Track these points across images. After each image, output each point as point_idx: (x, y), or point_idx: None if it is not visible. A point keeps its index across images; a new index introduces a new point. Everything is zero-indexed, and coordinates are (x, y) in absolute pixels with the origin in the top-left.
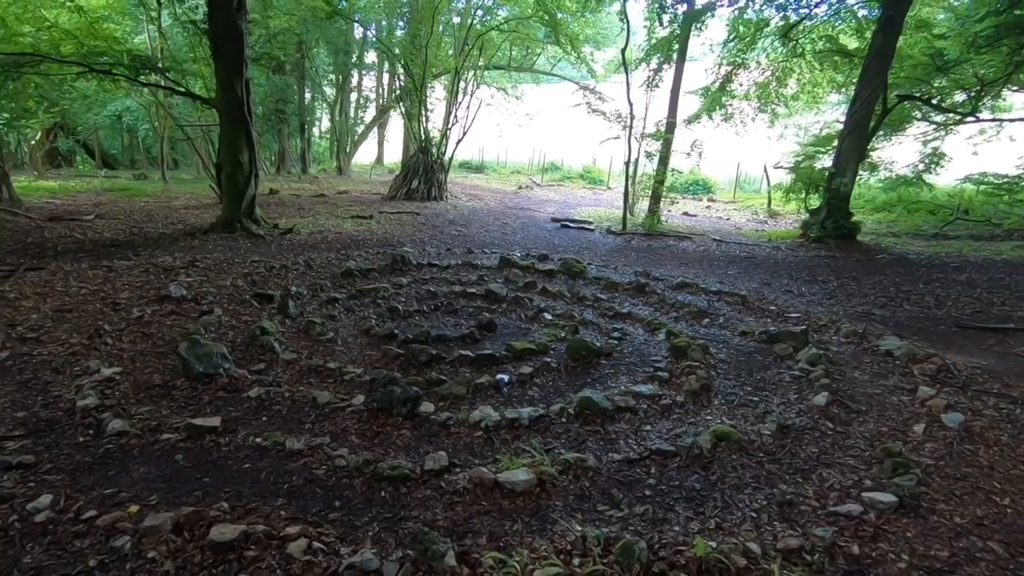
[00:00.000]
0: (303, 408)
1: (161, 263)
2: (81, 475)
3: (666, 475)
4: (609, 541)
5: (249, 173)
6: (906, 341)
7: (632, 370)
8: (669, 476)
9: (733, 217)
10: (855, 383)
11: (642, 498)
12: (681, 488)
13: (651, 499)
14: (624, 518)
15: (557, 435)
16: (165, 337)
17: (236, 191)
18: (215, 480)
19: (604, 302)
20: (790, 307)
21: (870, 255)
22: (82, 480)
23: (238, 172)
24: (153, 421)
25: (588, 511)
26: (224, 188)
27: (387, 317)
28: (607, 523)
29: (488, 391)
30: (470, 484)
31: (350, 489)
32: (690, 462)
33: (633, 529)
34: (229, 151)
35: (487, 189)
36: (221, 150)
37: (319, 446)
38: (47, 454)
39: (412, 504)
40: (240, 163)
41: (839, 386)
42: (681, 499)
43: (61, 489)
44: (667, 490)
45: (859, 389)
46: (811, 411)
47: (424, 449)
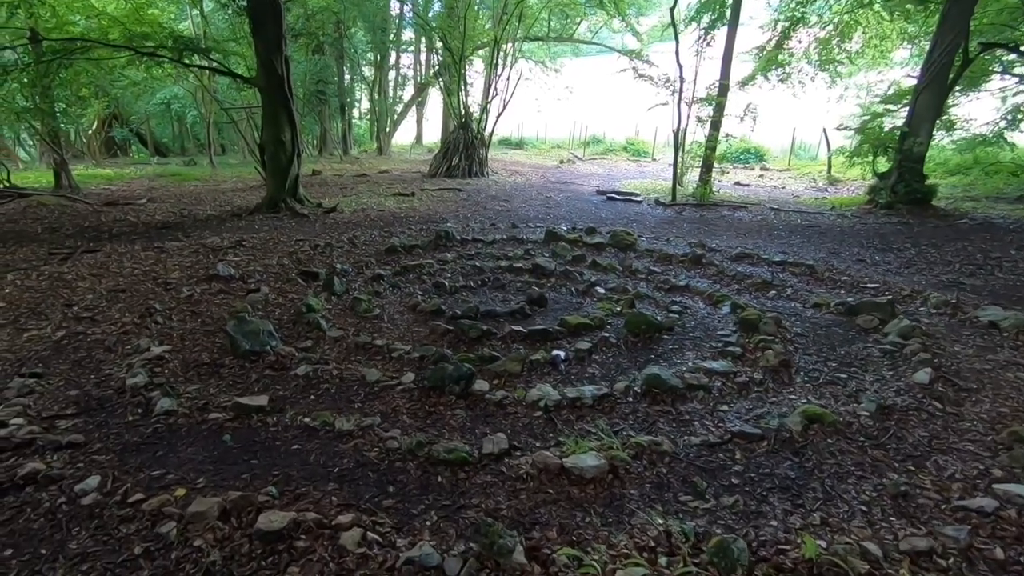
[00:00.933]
0: (351, 387)
1: (209, 243)
2: (129, 455)
3: (754, 461)
4: (699, 537)
5: (292, 152)
6: (1013, 312)
7: (698, 345)
8: (757, 462)
9: (789, 185)
10: (958, 358)
11: (729, 487)
12: (773, 476)
13: (740, 488)
14: (711, 510)
15: (624, 416)
16: (214, 315)
17: (279, 170)
18: (263, 462)
19: (658, 275)
20: (865, 277)
21: (949, 220)
22: (130, 461)
23: (281, 151)
24: (201, 400)
25: (669, 502)
26: (268, 168)
27: (433, 293)
28: (693, 516)
29: (544, 368)
30: (534, 469)
31: (404, 473)
32: (779, 446)
33: (724, 523)
34: (271, 130)
35: (528, 164)
36: (264, 130)
37: (370, 427)
38: (97, 433)
39: (472, 491)
40: (282, 142)
41: (941, 361)
42: (775, 489)
43: (109, 470)
44: (757, 478)
45: (965, 365)
46: (912, 389)
47: (480, 430)
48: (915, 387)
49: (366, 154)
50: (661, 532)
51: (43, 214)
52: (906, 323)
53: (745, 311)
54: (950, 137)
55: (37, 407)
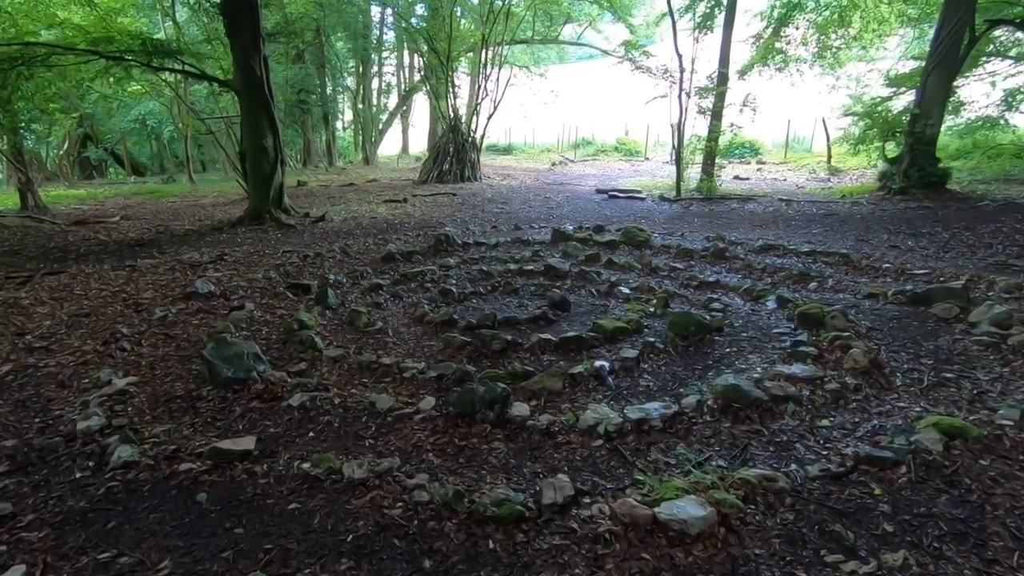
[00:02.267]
0: (359, 418)
1: (187, 259)
2: (70, 531)
3: (900, 497)
4: None
5: (275, 159)
6: None
7: (758, 347)
8: (906, 499)
9: (789, 178)
10: None
11: (883, 537)
12: (934, 518)
13: (899, 538)
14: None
15: (704, 440)
16: (191, 338)
17: (262, 179)
18: (251, 531)
19: (681, 271)
20: (907, 264)
21: (970, 203)
22: (70, 538)
23: (263, 159)
24: (170, 445)
25: (812, 564)
26: (249, 177)
27: (441, 302)
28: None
29: (588, 383)
30: (617, 525)
31: (442, 538)
32: (924, 473)
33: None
34: (252, 136)
35: (519, 168)
36: (244, 136)
37: (388, 472)
38: (32, 499)
39: (537, 561)
40: (264, 148)
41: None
42: (946, 537)
43: (40, 555)
44: (915, 522)
45: None
46: None
47: (530, 469)
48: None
49: (351, 165)
50: None
51: (4, 236)
52: (1000, 310)
53: (802, 305)
54: (945, 123)
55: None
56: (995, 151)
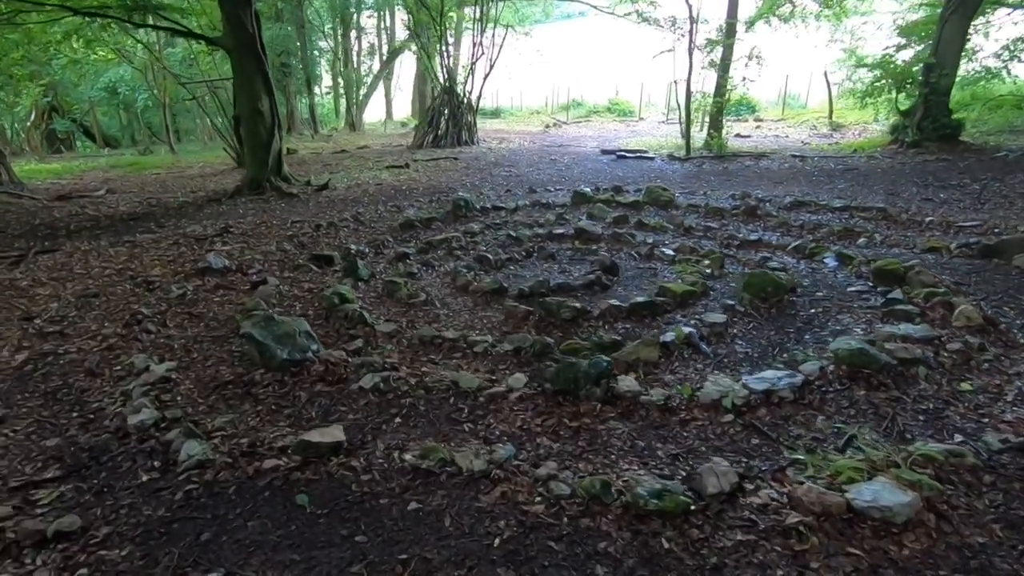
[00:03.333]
0: (445, 399)
1: (190, 233)
2: (157, 545)
3: None
4: None
5: (272, 124)
6: None
7: (844, 306)
8: None
9: (790, 134)
10: None
11: None
12: None
13: None
14: None
15: (843, 410)
16: (218, 317)
17: (260, 145)
18: (374, 538)
19: (717, 231)
20: (950, 217)
21: (988, 154)
22: (160, 556)
23: (259, 123)
24: (241, 439)
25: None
26: (246, 143)
27: (478, 269)
28: None
29: (683, 352)
30: (806, 515)
31: (604, 538)
32: None
33: None
34: (246, 99)
35: (512, 131)
36: (237, 99)
37: (507, 461)
38: (98, 508)
39: (728, 562)
40: (260, 112)
41: None
42: None
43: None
44: None
45: None
46: None
47: (662, 449)
48: None
49: (336, 132)
50: None
51: None
52: None
53: (872, 262)
54: (968, 67)
55: (1, 472)
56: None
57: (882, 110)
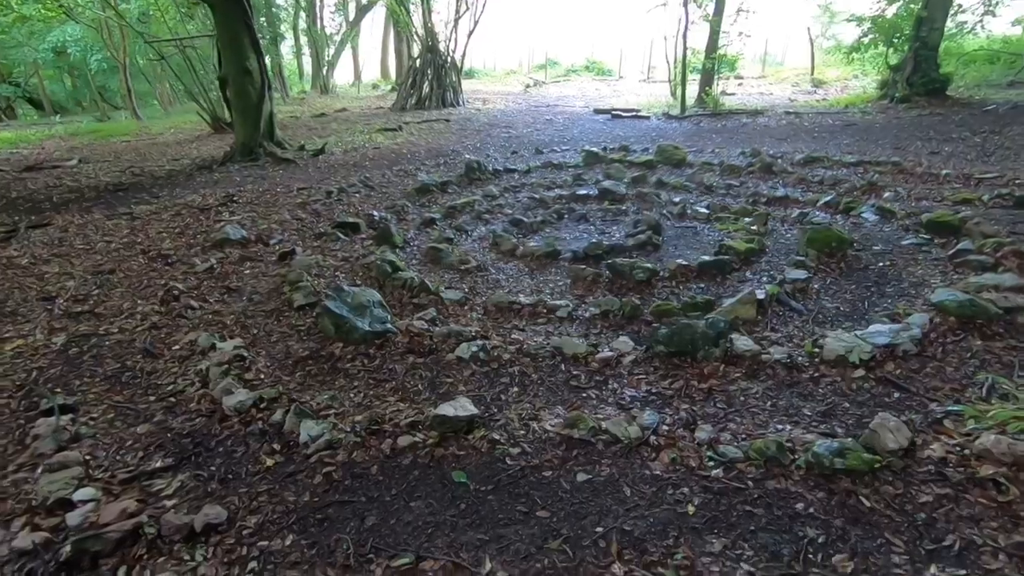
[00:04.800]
0: (554, 366)
1: (191, 203)
2: (321, 533)
3: None
4: None
5: (261, 84)
6: None
7: (908, 259)
8: None
9: (774, 92)
10: None
11: None
12: None
13: None
14: None
15: (966, 360)
16: (259, 290)
17: (249, 108)
18: (557, 512)
19: (738, 188)
20: (966, 169)
21: (977, 108)
22: (331, 543)
23: (248, 84)
24: (356, 416)
25: None
26: (234, 106)
27: (515, 233)
28: None
29: (776, 310)
30: (996, 464)
31: (800, 499)
32: None
33: None
34: (234, 58)
35: (492, 92)
36: (223, 58)
37: (657, 427)
38: (233, 496)
39: (938, 518)
40: (249, 72)
41: None
42: None
43: (308, 568)
44: None
45: None
46: None
47: (809, 407)
48: None
49: (307, 95)
50: None
51: None
52: None
53: (935, 215)
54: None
55: (101, 462)
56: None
57: (868, 66)
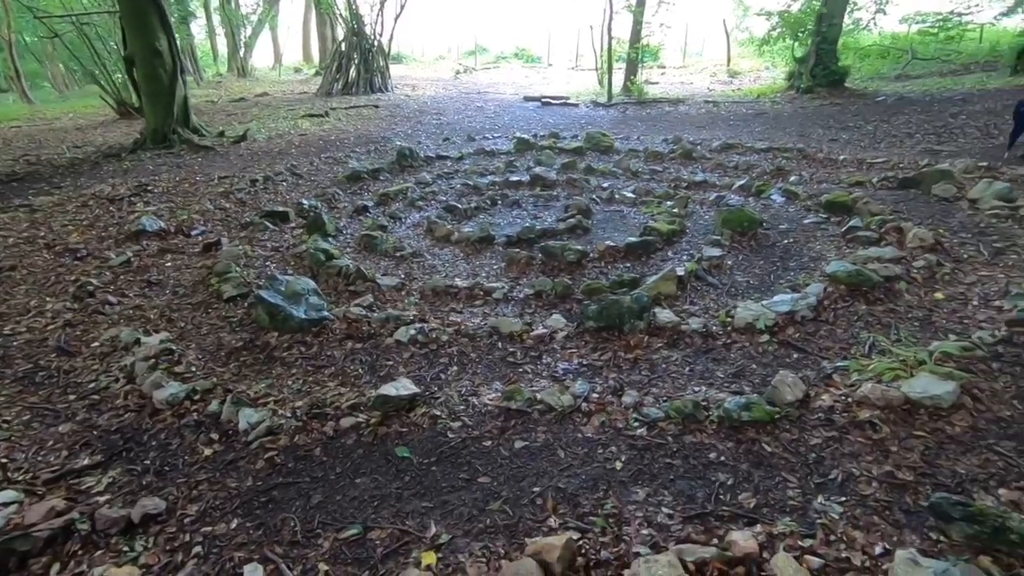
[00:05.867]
0: (492, 345)
1: (99, 193)
2: (267, 514)
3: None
4: None
5: (173, 66)
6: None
7: (809, 236)
8: None
9: (695, 81)
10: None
11: None
12: None
13: None
14: None
15: (853, 323)
16: (183, 282)
17: (160, 91)
18: (497, 477)
19: (662, 173)
20: (860, 154)
21: (870, 99)
22: (278, 523)
23: (158, 66)
24: (296, 402)
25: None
26: (143, 89)
27: (450, 219)
28: None
29: (695, 285)
30: (872, 408)
31: (713, 450)
32: None
33: None
34: (141, 37)
35: (422, 78)
36: (129, 37)
37: (588, 395)
38: (171, 487)
39: (826, 455)
40: (158, 52)
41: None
42: None
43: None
44: None
45: None
46: None
47: (721, 370)
48: None
49: (223, 78)
50: None
51: None
52: (1000, 186)
53: (832, 196)
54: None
55: (20, 464)
56: (864, 51)
57: (777, 58)
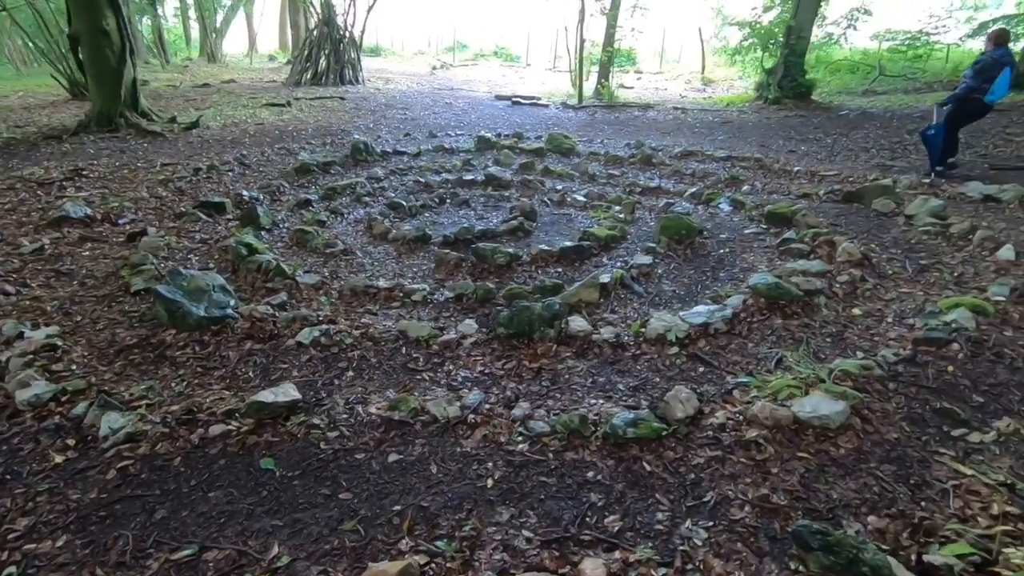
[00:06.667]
0: (397, 349)
1: (29, 176)
2: (102, 531)
3: (969, 371)
4: None
5: (121, 47)
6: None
7: (745, 246)
8: (974, 373)
9: (670, 87)
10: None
11: (981, 408)
12: (1005, 386)
13: (992, 406)
14: (999, 442)
15: (766, 337)
16: (95, 274)
17: (107, 73)
18: (360, 493)
19: (619, 178)
20: (814, 166)
21: (833, 112)
22: (110, 541)
23: (105, 46)
24: (172, 406)
25: (945, 440)
26: (89, 70)
27: (392, 216)
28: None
29: (620, 293)
30: (760, 428)
31: (592, 468)
32: (973, 349)
33: None
34: (84, 14)
35: (398, 72)
36: (73, 15)
37: (479, 406)
38: (7, 499)
39: (704, 476)
40: (105, 32)
41: (1001, 237)
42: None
43: (77, 569)
44: (995, 391)
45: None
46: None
47: (622, 383)
48: (1010, 265)
49: (193, 63)
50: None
51: None
52: (935, 203)
53: (761, 207)
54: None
55: None
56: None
57: (749, 68)
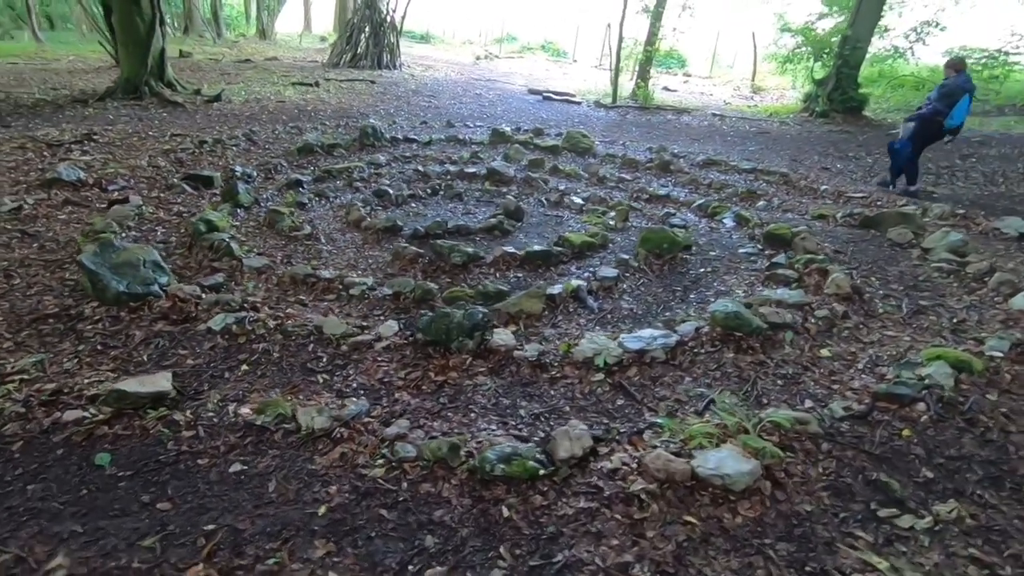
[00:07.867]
0: (304, 346)
1: (42, 137)
2: None
3: (928, 438)
4: None
5: (152, 17)
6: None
7: (731, 267)
8: (933, 440)
9: (715, 92)
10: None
11: (927, 485)
12: (966, 460)
13: (941, 485)
14: (936, 531)
15: (710, 372)
16: (58, 238)
17: (136, 40)
18: (182, 505)
19: (630, 183)
20: (842, 187)
21: (883, 130)
22: None
23: (135, 14)
24: (47, 383)
25: (866, 520)
26: (119, 37)
27: (376, 204)
28: (913, 545)
29: (569, 305)
30: (651, 482)
31: (443, 505)
32: (942, 411)
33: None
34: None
35: (441, 59)
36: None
37: (356, 418)
38: None
39: (566, 531)
40: (137, 1)
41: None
42: (985, 483)
43: None
44: (951, 466)
45: None
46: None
47: (525, 408)
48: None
49: (244, 39)
50: None
51: None
52: (955, 237)
53: (763, 225)
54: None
55: None
56: (898, 81)
57: (799, 77)
